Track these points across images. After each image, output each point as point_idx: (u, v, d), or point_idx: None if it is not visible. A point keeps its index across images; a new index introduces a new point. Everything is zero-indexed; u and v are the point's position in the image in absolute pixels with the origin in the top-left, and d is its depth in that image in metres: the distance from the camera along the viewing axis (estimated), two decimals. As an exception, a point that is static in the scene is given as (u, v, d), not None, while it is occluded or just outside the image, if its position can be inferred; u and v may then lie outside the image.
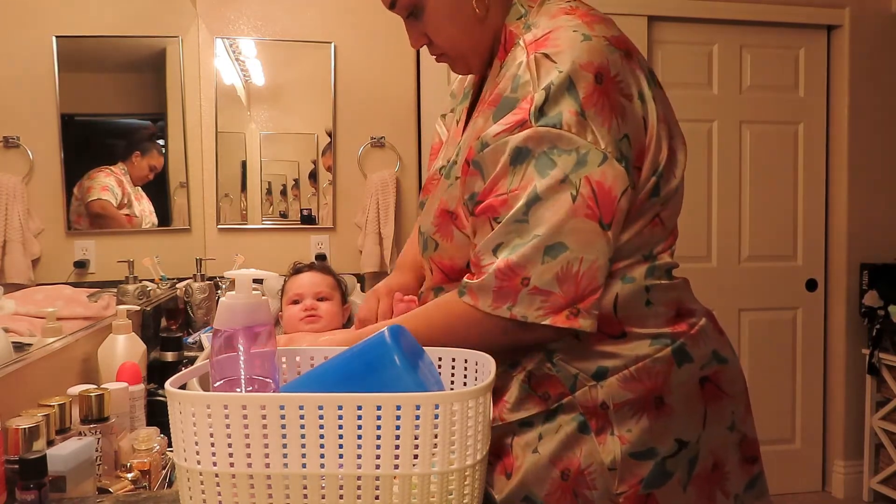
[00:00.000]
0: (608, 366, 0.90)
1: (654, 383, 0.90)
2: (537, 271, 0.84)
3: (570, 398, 0.91)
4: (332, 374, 0.77)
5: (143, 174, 1.91)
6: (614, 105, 0.87)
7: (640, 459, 0.89)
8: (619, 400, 0.89)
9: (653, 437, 0.90)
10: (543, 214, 0.84)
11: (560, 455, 0.90)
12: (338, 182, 2.72)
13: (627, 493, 0.89)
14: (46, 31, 1.51)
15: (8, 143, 1.33)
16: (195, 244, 2.56)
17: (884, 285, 2.98)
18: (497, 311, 0.86)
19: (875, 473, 3.03)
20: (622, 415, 0.90)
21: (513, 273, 0.85)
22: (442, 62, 1.05)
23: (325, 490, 0.69)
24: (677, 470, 0.91)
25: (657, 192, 0.94)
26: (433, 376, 0.82)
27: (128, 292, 1.78)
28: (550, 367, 0.91)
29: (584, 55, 0.87)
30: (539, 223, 0.84)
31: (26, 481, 0.81)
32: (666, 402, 0.91)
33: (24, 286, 1.36)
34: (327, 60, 2.68)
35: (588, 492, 0.89)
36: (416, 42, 1.03)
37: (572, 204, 0.84)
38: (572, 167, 0.84)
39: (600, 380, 0.90)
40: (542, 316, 0.85)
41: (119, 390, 1.13)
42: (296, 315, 1.70)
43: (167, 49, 2.40)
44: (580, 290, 0.85)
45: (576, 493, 0.89)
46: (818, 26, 3.11)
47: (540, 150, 0.85)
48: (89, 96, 1.83)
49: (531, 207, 0.85)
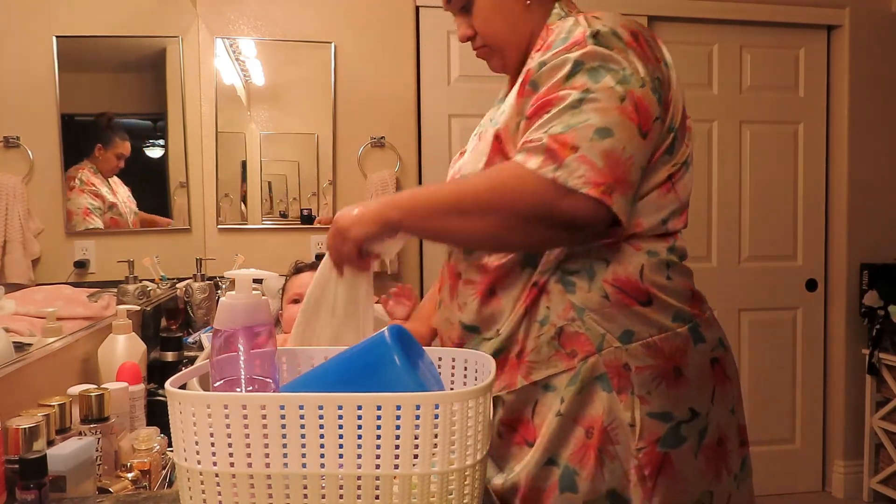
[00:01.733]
0: (634, 330, 0.96)
1: (673, 355, 0.97)
2: (586, 145, 0.90)
3: (595, 357, 0.95)
4: (332, 374, 0.77)
5: (111, 165, 1.86)
6: (648, 56, 0.97)
7: (657, 420, 0.95)
8: (641, 364, 0.95)
9: (669, 402, 0.96)
10: (595, 106, 0.91)
11: (583, 413, 0.95)
12: (338, 182, 2.72)
13: (646, 448, 0.95)
14: (46, 31, 1.51)
15: (8, 143, 1.33)
16: (195, 244, 2.56)
17: (884, 285, 2.98)
18: (542, 170, 0.90)
19: (875, 473, 3.03)
20: (643, 378, 0.95)
21: (564, 142, 0.90)
22: (481, 56, 1.14)
23: (325, 490, 0.69)
24: (690, 437, 0.97)
25: (672, 150, 1.00)
26: (433, 376, 0.82)
27: (128, 292, 1.78)
28: (580, 325, 0.96)
29: (622, 20, 0.99)
30: (591, 112, 0.91)
31: (26, 481, 0.81)
32: (683, 374, 0.97)
33: (24, 286, 1.36)
34: (327, 60, 2.68)
35: (611, 447, 0.95)
36: (464, 34, 1.12)
37: (620, 104, 0.92)
38: (619, 81, 0.93)
39: (626, 343, 0.96)
40: (581, 184, 0.89)
41: (119, 390, 1.13)
42: (296, 314, 1.69)
43: (167, 49, 2.40)
44: (619, 175, 0.91)
45: (600, 449, 0.95)
46: (818, 26, 3.11)
47: (592, 63, 0.94)
48: (89, 96, 1.83)
49: (584, 100, 0.92)
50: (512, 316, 1.00)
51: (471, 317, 1.04)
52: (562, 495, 0.95)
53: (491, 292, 1.02)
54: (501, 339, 1.00)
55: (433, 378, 0.81)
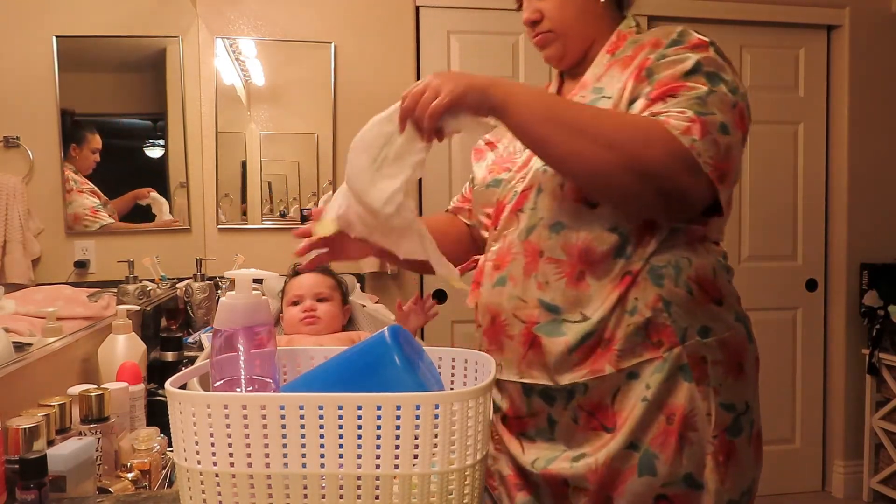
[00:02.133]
0: (710, 326, 1.02)
1: (738, 351, 1.05)
2: (715, 134, 0.95)
3: (679, 348, 1.00)
4: (332, 374, 0.77)
5: (89, 162, 1.84)
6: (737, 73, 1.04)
7: (725, 410, 1.02)
8: (715, 358, 1.02)
9: (733, 394, 1.03)
10: (717, 105, 0.97)
11: (667, 401, 1.00)
12: (338, 182, 2.72)
13: (719, 437, 1.01)
14: (46, 31, 1.51)
15: (8, 143, 1.33)
16: (195, 244, 2.56)
17: (884, 285, 2.98)
18: (684, 136, 0.93)
19: (875, 473, 3.03)
20: (716, 370, 1.02)
21: (703, 123, 0.95)
22: (539, 42, 1.15)
23: (325, 490, 0.69)
24: (745, 427, 1.04)
25: None
26: (433, 376, 0.82)
27: (128, 292, 1.78)
28: (667, 317, 1.01)
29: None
30: (715, 108, 0.96)
31: (26, 481, 0.81)
32: (744, 369, 1.05)
33: (24, 286, 1.36)
34: (327, 60, 2.68)
35: (691, 433, 1.00)
36: (529, 18, 1.13)
37: (732, 110, 0.98)
38: (730, 90, 0.99)
39: (703, 337, 1.02)
40: (708, 164, 0.94)
41: (119, 390, 1.13)
42: (295, 316, 1.70)
43: (167, 49, 2.40)
44: (730, 170, 0.98)
45: (681, 435, 0.99)
46: (818, 26, 3.11)
47: (710, 68, 0.99)
48: (89, 96, 1.83)
49: (709, 95, 0.97)
50: (605, 303, 1.01)
51: (554, 296, 1.03)
52: (640, 478, 1.00)
53: (580, 275, 1.02)
54: (591, 324, 1.00)
55: (433, 378, 0.81)
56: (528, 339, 1.04)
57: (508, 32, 2.80)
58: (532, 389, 1.05)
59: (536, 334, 1.03)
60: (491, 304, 1.10)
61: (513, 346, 1.06)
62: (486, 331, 1.11)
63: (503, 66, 2.81)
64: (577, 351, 1.01)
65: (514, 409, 1.09)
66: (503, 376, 1.08)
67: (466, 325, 2.84)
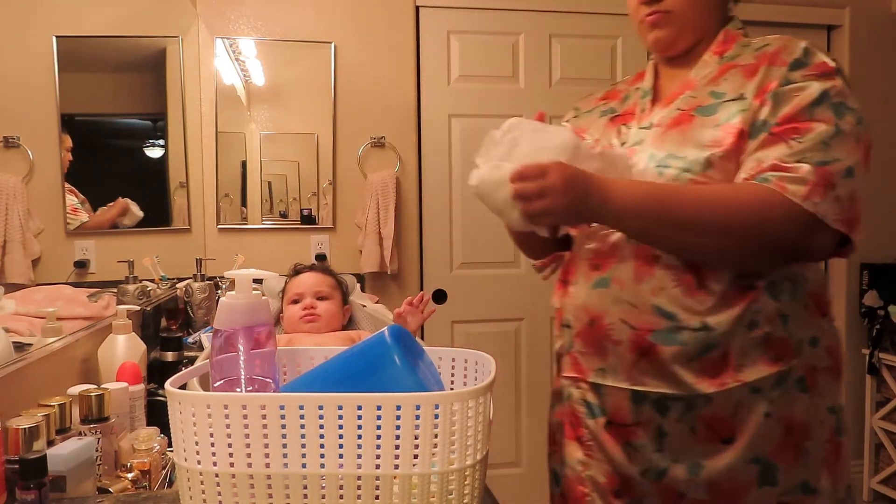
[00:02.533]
0: (819, 336, 1.05)
1: (837, 355, 1.07)
2: (840, 182, 0.94)
3: (795, 361, 1.02)
4: (332, 374, 0.77)
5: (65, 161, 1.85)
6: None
7: (831, 413, 1.05)
8: (823, 365, 1.04)
9: (835, 396, 1.06)
10: (843, 145, 0.96)
11: (786, 414, 1.01)
12: (338, 182, 2.72)
13: (829, 438, 1.04)
14: (46, 31, 1.51)
15: (8, 143, 1.33)
16: (195, 244, 2.56)
17: (884, 285, 2.98)
18: (806, 202, 0.93)
19: (875, 473, 3.03)
20: (824, 377, 1.04)
21: (823, 176, 0.94)
22: (652, 22, 1.11)
23: (325, 490, 0.69)
24: (844, 425, 1.08)
25: None
26: (433, 376, 0.82)
27: (128, 292, 1.78)
28: (784, 331, 1.01)
29: None
30: (839, 149, 0.95)
31: (26, 481, 0.81)
32: (840, 371, 1.08)
33: (24, 286, 1.36)
34: (327, 60, 2.68)
35: (807, 442, 1.02)
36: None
37: (856, 144, 0.97)
38: (856, 121, 0.98)
39: (813, 347, 1.04)
40: (836, 221, 0.95)
41: (119, 390, 1.13)
42: (295, 314, 1.70)
43: (167, 49, 2.40)
44: (856, 215, 0.97)
45: (799, 445, 1.02)
46: (818, 26, 3.11)
47: (837, 99, 0.97)
48: (89, 96, 1.83)
49: (834, 136, 0.95)
50: (726, 316, 1.00)
51: (670, 303, 1.01)
52: (760, 490, 1.01)
53: (699, 284, 1.01)
54: (713, 336, 0.99)
55: (433, 378, 0.81)
56: (640, 346, 1.02)
57: (508, 32, 2.80)
58: (645, 398, 1.03)
59: (652, 342, 1.01)
60: (590, 306, 1.08)
61: (620, 351, 1.04)
62: (582, 333, 1.09)
63: (503, 66, 2.81)
64: (697, 361, 1.00)
65: (619, 417, 1.06)
66: (607, 381, 1.06)
67: (466, 325, 2.84)
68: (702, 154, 1.00)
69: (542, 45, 2.83)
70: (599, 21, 2.86)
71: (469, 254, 2.83)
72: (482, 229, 2.81)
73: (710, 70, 1.09)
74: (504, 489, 2.80)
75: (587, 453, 1.10)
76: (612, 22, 2.87)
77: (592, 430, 1.09)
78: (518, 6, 2.79)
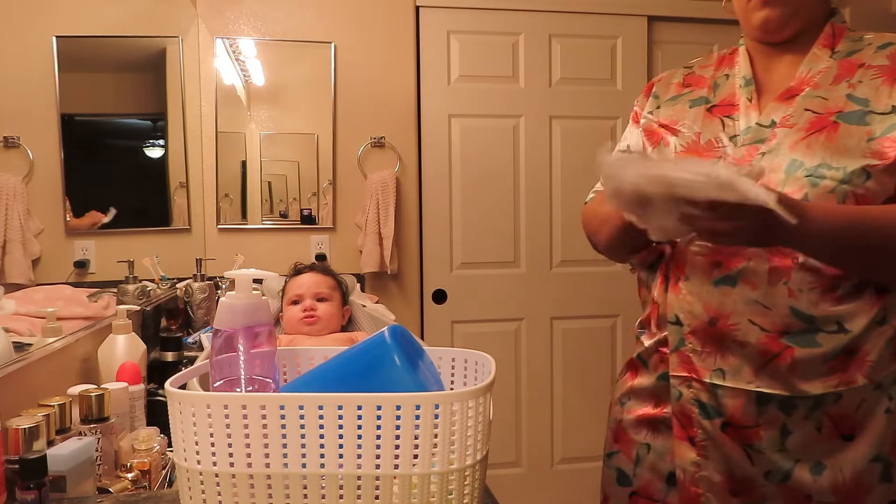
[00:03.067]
0: None
1: None
2: None
3: None
4: (332, 374, 0.77)
5: None
6: None
7: None
8: None
9: None
10: None
11: None
12: (338, 182, 2.73)
13: None
14: (46, 31, 1.51)
15: (8, 143, 1.33)
16: (195, 244, 2.56)
17: (884, 285, 2.97)
18: None
19: (875, 473, 3.02)
20: None
21: None
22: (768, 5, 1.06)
23: (325, 490, 0.69)
24: None
25: None
26: (433, 376, 0.82)
27: (128, 292, 1.78)
28: None
29: None
30: None
31: (26, 481, 0.81)
32: None
33: (24, 286, 1.36)
34: (327, 60, 2.68)
35: None
36: None
37: None
38: None
39: None
40: None
41: (119, 390, 1.13)
42: (295, 315, 1.70)
43: (167, 49, 2.40)
44: None
45: None
46: (818, 26, 3.10)
47: None
48: (89, 96, 1.83)
49: None
50: (862, 317, 0.99)
51: (809, 306, 0.99)
52: (879, 486, 1.01)
53: (838, 286, 0.99)
54: (850, 337, 0.99)
55: (433, 378, 0.81)
56: (771, 348, 1.00)
57: (508, 32, 2.80)
58: (771, 399, 1.01)
59: (787, 344, 0.99)
60: (712, 305, 1.04)
61: (746, 352, 1.02)
62: (698, 331, 1.05)
63: (503, 66, 2.81)
64: (832, 361, 0.99)
65: (739, 418, 1.03)
66: (726, 382, 1.03)
67: (466, 325, 2.84)
68: (862, 166, 0.97)
69: (542, 45, 2.83)
70: (599, 21, 2.87)
71: (469, 254, 2.83)
72: (482, 229, 2.81)
73: (824, 66, 1.05)
74: (504, 489, 2.80)
75: (701, 454, 1.06)
76: (612, 22, 2.87)
77: (708, 431, 1.05)
78: (518, 6, 2.79)
